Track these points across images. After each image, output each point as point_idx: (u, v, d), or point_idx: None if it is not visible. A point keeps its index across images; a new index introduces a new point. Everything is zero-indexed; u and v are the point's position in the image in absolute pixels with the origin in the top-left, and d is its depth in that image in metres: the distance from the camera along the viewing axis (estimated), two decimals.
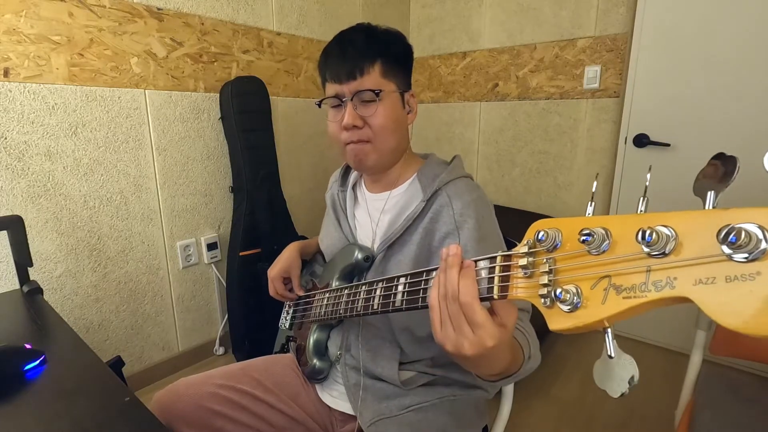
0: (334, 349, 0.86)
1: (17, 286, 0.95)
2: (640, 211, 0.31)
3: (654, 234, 0.28)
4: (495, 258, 0.43)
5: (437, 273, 0.47)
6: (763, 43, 1.63)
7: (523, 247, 0.39)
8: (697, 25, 1.74)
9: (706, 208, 0.28)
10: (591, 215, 0.35)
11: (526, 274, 0.38)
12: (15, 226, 0.92)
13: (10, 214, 0.97)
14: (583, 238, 0.32)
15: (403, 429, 0.74)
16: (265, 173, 1.82)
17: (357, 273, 0.83)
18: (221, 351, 1.94)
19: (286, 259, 0.95)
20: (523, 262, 0.38)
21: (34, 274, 1.37)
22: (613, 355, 0.32)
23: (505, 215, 1.48)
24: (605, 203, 2.13)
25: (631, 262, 0.30)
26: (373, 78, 0.74)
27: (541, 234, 0.36)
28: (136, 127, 1.57)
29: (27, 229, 0.96)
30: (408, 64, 0.81)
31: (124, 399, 0.59)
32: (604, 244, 0.31)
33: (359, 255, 0.80)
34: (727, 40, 1.69)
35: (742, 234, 0.24)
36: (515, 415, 1.54)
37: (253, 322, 1.79)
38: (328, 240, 0.93)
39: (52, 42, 1.34)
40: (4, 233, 0.93)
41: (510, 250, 0.42)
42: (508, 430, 0.87)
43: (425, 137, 2.74)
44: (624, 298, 0.29)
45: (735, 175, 0.28)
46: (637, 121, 1.94)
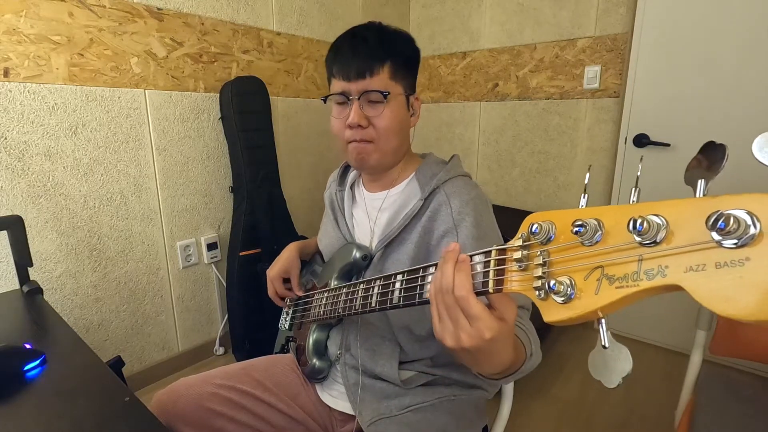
0: (333, 348, 0.86)
1: (17, 286, 0.96)
2: (632, 201, 0.31)
3: (645, 223, 0.28)
4: (490, 252, 0.43)
5: (436, 269, 0.47)
6: (762, 43, 1.62)
7: (517, 241, 0.39)
8: (697, 25, 1.74)
9: (697, 196, 0.28)
10: (584, 207, 0.34)
11: (520, 267, 0.38)
12: (15, 226, 0.92)
13: (10, 214, 0.97)
14: (576, 229, 0.32)
15: (402, 429, 0.73)
16: (265, 173, 1.82)
17: (355, 272, 0.83)
18: (221, 351, 1.94)
19: (285, 260, 0.95)
20: (518, 255, 0.38)
21: (34, 274, 1.38)
22: (608, 345, 0.32)
23: (505, 215, 1.48)
24: (605, 203, 2.12)
25: (623, 251, 0.30)
26: (382, 79, 0.74)
27: (535, 227, 0.36)
28: (136, 127, 1.58)
29: (27, 229, 0.96)
30: (415, 67, 0.81)
31: (124, 399, 0.59)
32: (597, 234, 0.31)
33: (357, 254, 0.80)
34: (727, 40, 1.69)
35: (731, 220, 0.24)
36: (515, 415, 1.53)
37: (253, 322, 1.79)
38: (326, 239, 0.93)
39: (52, 42, 1.34)
40: (4, 233, 0.93)
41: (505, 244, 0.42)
42: (508, 430, 0.87)
43: (425, 137, 2.75)
44: (617, 288, 0.30)
45: (724, 163, 0.28)
46: (637, 121, 1.94)
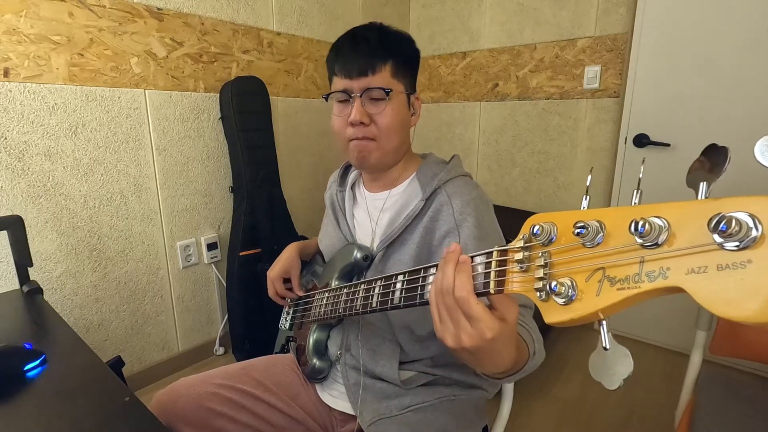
0: (334, 348, 0.86)
1: (17, 286, 0.96)
2: (634, 203, 0.32)
3: (647, 225, 0.28)
4: (492, 253, 0.43)
5: (437, 269, 0.47)
6: (762, 43, 1.63)
7: (519, 242, 0.39)
8: (697, 25, 1.74)
9: (699, 199, 0.28)
10: (586, 209, 0.34)
11: (522, 268, 0.38)
12: (15, 226, 0.92)
13: (10, 214, 0.97)
14: (578, 230, 0.32)
15: (402, 429, 0.73)
16: (265, 173, 1.82)
17: (356, 272, 0.83)
18: (221, 351, 1.94)
19: (285, 260, 0.95)
20: (519, 256, 0.38)
21: (34, 274, 1.38)
22: (609, 347, 0.32)
23: (505, 215, 1.48)
24: (605, 203, 2.13)
25: (624, 253, 0.30)
26: (383, 77, 0.74)
27: (537, 228, 0.36)
28: (136, 127, 1.57)
29: (27, 229, 0.96)
30: (415, 67, 0.82)
31: (124, 399, 0.59)
32: (599, 236, 0.31)
33: (358, 254, 0.80)
34: (727, 40, 1.69)
35: (733, 222, 0.24)
36: (515, 415, 1.53)
37: (253, 322, 1.79)
38: (327, 240, 0.93)
39: (52, 42, 1.34)
40: (4, 233, 0.93)
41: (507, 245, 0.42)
42: (508, 430, 0.87)
43: (425, 137, 2.75)
44: (618, 290, 0.30)
45: (726, 165, 0.28)
46: (637, 121, 1.94)
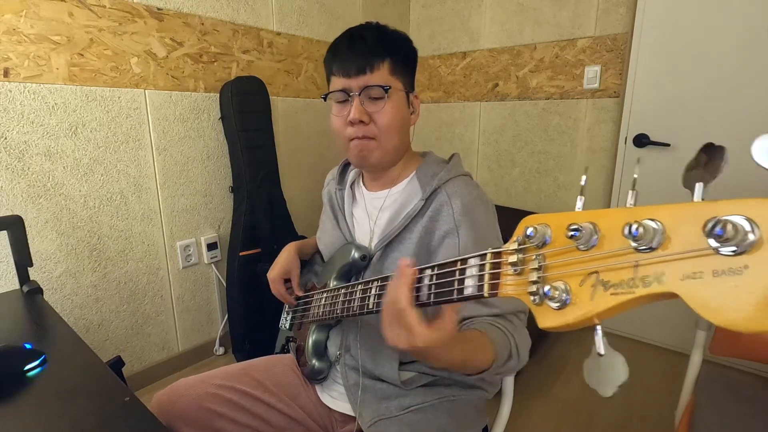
0: (333, 349, 0.86)
1: (17, 286, 0.96)
2: (630, 204, 0.31)
3: (641, 228, 0.27)
4: (485, 255, 0.42)
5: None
6: (762, 43, 1.62)
7: (513, 244, 0.38)
8: (697, 25, 1.73)
9: (694, 200, 0.27)
10: (581, 210, 0.34)
11: (516, 271, 0.38)
12: (15, 226, 0.92)
13: (10, 214, 0.97)
14: (571, 233, 0.31)
15: (402, 429, 0.73)
16: (265, 173, 1.82)
17: (354, 272, 0.82)
18: (221, 351, 1.94)
19: (285, 260, 0.94)
20: (513, 259, 0.38)
21: (34, 274, 1.37)
22: (603, 353, 0.31)
23: (505, 215, 1.47)
24: (605, 204, 2.12)
25: (619, 257, 0.29)
26: (382, 75, 0.74)
27: (530, 230, 0.35)
28: (136, 127, 1.57)
29: (27, 229, 0.96)
30: (413, 66, 0.82)
31: (124, 399, 0.59)
32: (593, 239, 0.31)
33: (356, 254, 0.80)
34: (726, 40, 1.68)
35: (729, 226, 0.23)
36: (515, 415, 1.53)
37: (253, 322, 1.79)
38: (326, 239, 0.93)
39: (52, 42, 1.34)
40: (4, 233, 0.93)
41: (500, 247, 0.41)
42: (508, 430, 0.87)
43: (425, 137, 2.74)
44: (612, 295, 0.29)
45: (723, 165, 0.27)
46: (637, 121, 1.94)
